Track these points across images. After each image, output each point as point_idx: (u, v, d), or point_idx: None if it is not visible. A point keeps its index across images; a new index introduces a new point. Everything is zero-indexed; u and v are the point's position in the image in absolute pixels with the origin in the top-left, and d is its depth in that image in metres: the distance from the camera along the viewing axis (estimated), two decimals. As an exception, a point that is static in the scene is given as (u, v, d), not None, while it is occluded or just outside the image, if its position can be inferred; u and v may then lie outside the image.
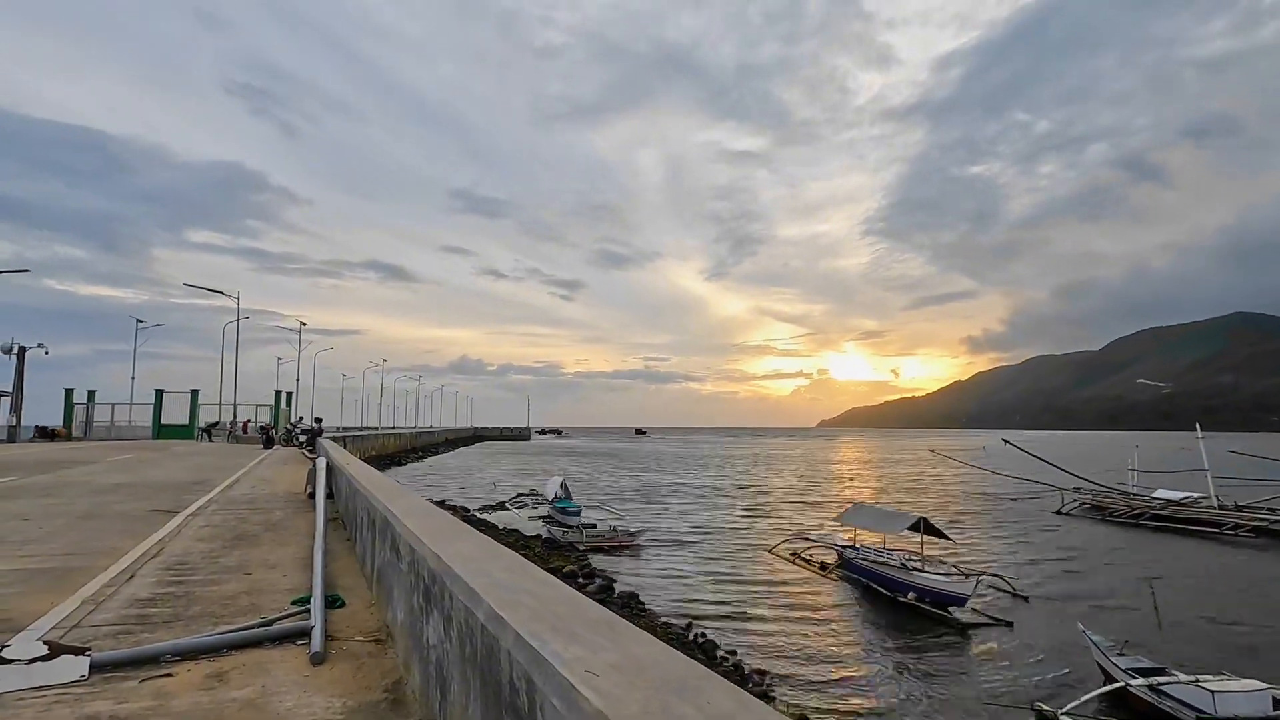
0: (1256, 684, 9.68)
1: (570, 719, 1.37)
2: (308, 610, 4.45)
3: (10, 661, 3.38)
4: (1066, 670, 12.40)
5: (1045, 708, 10.53)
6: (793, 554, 22.38)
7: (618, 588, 17.61)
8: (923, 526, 18.20)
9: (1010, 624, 15.11)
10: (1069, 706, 10.40)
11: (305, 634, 4.08)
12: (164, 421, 42.04)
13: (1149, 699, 10.10)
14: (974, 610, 15.59)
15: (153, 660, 3.66)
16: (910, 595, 16.31)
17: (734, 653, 13.19)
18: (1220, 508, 28.66)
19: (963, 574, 16.66)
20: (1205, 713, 9.38)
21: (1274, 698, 9.40)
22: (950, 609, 15.50)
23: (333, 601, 4.80)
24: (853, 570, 18.99)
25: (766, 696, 10.50)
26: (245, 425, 40.93)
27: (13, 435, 35.93)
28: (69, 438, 38.75)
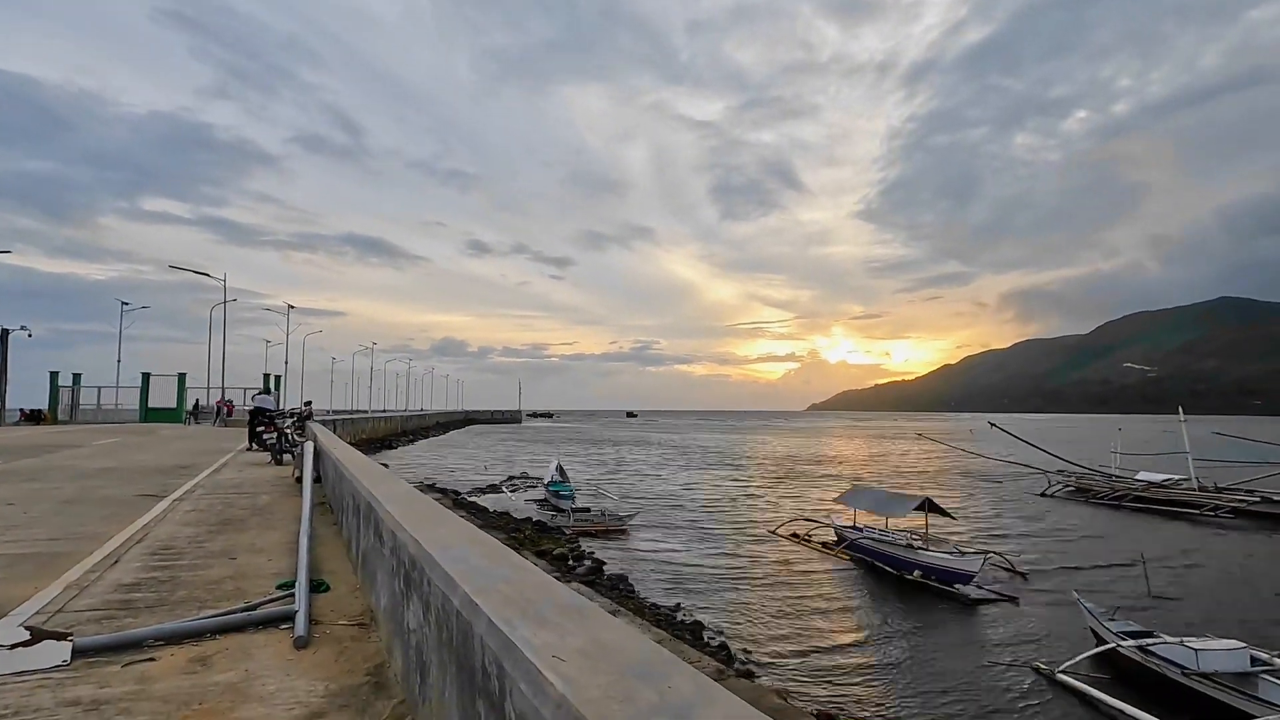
0: (1235, 643, 10.12)
1: (536, 703, 1.41)
2: (292, 595, 4.48)
3: (-9, 647, 3.39)
4: (1065, 638, 12.83)
5: (1043, 666, 11.27)
6: (793, 534, 22.67)
7: (608, 570, 17.72)
8: (927, 507, 18.44)
9: (1015, 599, 15.46)
10: (1065, 665, 11.05)
11: (289, 618, 4.10)
12: (151, 405, 41.78)
13: (1137, 658, 10.67)
14: (978, 586, 15.90)
15: (135, 645, 3.68)
16: (916, 573, 16.53)
17: (721, 632, 13.35)
18: (1200, 489, 29.18)
19: (969, 553, 16.88)
20: (1189, 669, 9.86)
21: (1251, 656, 9.85)
22: (956, 586, 15.79)
23: (317, 586, 4.83)
24: (857, 550, 19.21)
25: (749, 675, 10.66)
26: (230, 407, 40.52)
27: (-3, 419, 35.65)
28: (54, 421, 38.43)
